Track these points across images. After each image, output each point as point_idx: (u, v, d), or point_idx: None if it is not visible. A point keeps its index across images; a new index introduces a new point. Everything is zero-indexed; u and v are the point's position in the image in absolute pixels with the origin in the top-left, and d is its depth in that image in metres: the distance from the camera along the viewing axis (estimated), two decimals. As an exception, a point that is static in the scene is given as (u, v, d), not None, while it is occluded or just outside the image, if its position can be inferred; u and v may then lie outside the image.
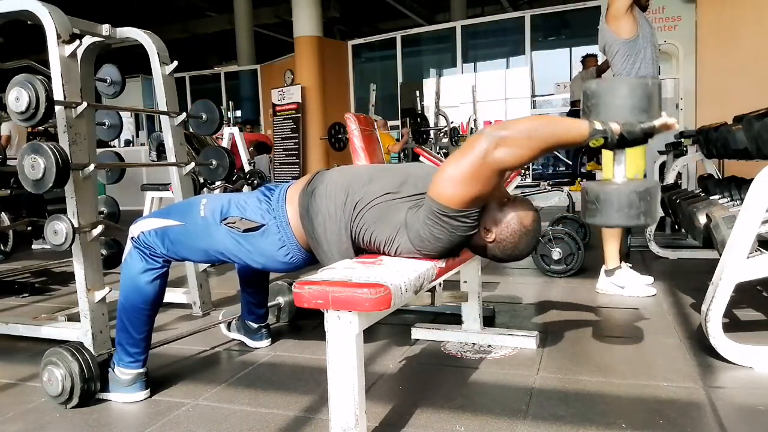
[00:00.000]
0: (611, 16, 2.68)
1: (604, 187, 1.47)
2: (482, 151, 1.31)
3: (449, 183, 1.37)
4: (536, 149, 1.34)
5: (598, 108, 1.45)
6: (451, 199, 1.37)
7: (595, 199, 1.47)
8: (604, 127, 1.37)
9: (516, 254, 1.53)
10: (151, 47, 2.49)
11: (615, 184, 1.48)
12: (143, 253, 1.69)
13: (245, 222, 1.61)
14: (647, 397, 1.62)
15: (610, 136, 1.37)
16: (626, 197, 1.44)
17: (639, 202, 1.44)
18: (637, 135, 1.39)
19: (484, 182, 1.35)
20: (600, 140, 1.38)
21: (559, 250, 3.18)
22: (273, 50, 12.13)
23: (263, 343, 2.18)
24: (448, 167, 1.39)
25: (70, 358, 1.64)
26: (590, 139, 1.37)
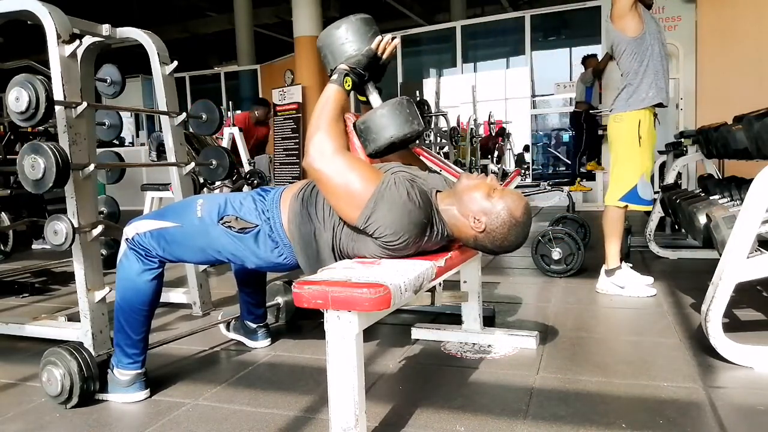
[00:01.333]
0: (616, 16, 2.68)
1: (366, 117, 1.62)
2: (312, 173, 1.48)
3: (340, 209, 1.48)
4: (322, 132, 1.49)
5: (327, 60, 1.65)
6: (348, 218, 1.47)
7: (365, 130, 1.61)
8: (336, 73, 1.57)
9: (506, 245, 1.54)
10: (151, 47, 2.49)
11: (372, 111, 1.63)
12: (139, 254, 1.69)
13: (240, 222, 1.62)
14: (647, 397, 1.62)
15: (350, 74, 1.56)
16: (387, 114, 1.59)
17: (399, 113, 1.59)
18: (364, 63, 1.58)
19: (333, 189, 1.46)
20: (348, 80, 1.56)
21: (559, 250, 3.18)
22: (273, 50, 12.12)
23: (263, 343, 2.18)
24: (342, 203, 1.47)
25: (70, 357, 1.64)
26: (342, 87, 1.55)
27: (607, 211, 2.83)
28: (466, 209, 1.51)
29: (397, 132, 1.59)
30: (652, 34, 2.67)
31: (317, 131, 1.49)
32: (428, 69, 10.86)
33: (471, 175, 1.58)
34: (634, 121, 2.69)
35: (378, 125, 1.59)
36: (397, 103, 1.60)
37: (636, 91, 2.69)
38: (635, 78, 2.68)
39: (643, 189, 2.72)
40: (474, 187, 1.52)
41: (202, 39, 14.67)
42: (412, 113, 1.61)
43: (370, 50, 1.58)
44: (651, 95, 2.68)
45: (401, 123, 1.59)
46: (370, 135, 1.61)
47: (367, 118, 1.61)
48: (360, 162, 1.51)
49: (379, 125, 1.59)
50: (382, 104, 1.62)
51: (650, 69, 2.67)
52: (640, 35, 2.65)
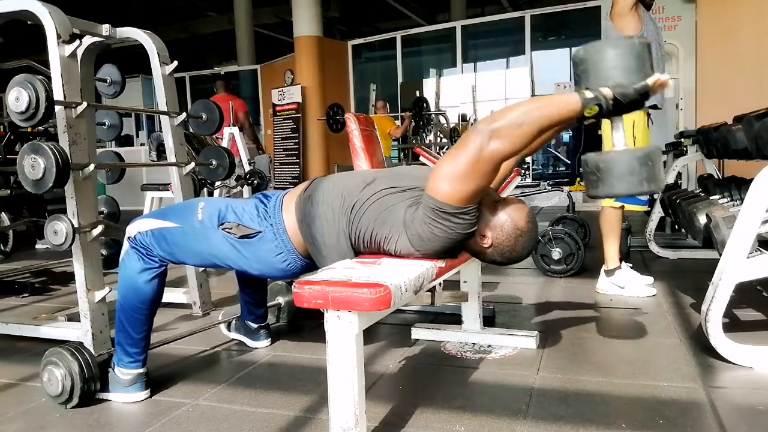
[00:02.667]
0: (616, 14, 2.68)
1: (603, 156, 1.43)
2: (477, 146, 1.31)
3: (447, 180, 1.36)
4: (530, 134, 1.32)
5: (587, 74, 1.40)
6: (450, 197, 1.36)
7: (595, 170, 1.42)
8: (595, 94, 1.32)
9: (515, 256, 1.52)
10: (151, 47, 2.49)
11: (614, 151, 1.43)
12: (140, 253, 1.69)
13: (242, 228, 1.60)
14: (647, 397, 1.62)
15: (604, 102, 1.31)
16: (626, 164, 1.39)
17: (640, 168, 1.38)
18: (631, 97, 1.33)
19: (482, 176, 1.35)
20: (594, 108, 1.32)
21: (559, 250, 3.18)
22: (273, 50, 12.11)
23: (263, 343, 2.18)
24: (444, 165, 1.38)
25: (70, 358, 1.64)
26: (584, 110, 1.32)
27: (604, 211, 2.83)
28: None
29: (635, 188, 1.40)
30: (650, 35, 2.67)
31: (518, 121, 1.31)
32: (428, 69, 10.86)
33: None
34: (629, 122, 2.68)
35: (620, 172, 1.39)
36: (649, 155, 1.39)
37: None
38: None
39: None
40: None
41: (202, 39, 14.66)
42: (659, 169, 1.41)
43: (645, 86, 1.33)
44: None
45: (644, 179, 1.38)
46: (606, 178, 1.41)
47: (609, 159, 1.41)
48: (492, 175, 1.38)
49: (617, 173, 1.39)
50: (633, 151, 1.41)
51: None
52: (638, 36, 2.64)
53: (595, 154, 1.45)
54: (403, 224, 1.46)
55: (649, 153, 1.39)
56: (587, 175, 1.46)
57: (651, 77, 1.34)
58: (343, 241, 1.54)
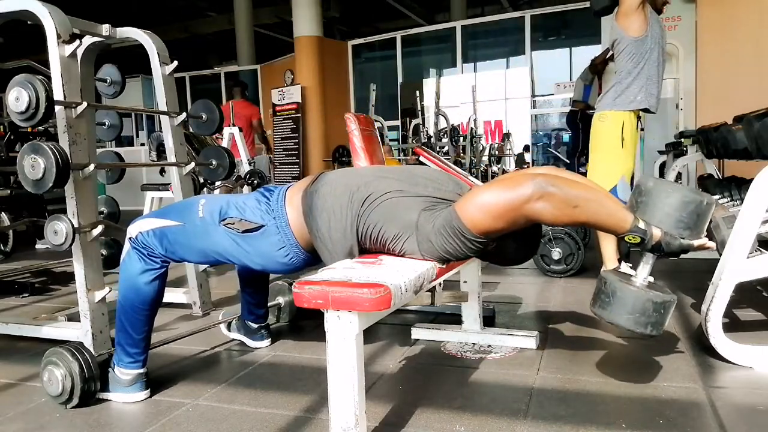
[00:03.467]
0: (621, 13, 2.66)
1: (624, 286, 1.46)
2: (525, 196, 1.32)
3: (480, 209, 1.38)
4: (575, 219, 1.35)
5: (646, 207, 1.42)
6: (475, 225, 1.39)
7: (611, 293, 1.47)
8: (647, 229, 1.38)
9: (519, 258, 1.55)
10: (151, 47, 2.49)
11: (635, 286, 1.47)
12: (141, 254, 1.69)
13: (244, 223, 1.60)
14: (647, 397, 1.62)
15: (648, 240, 1.38)
16: (641, 304, 1.44)
17: (652, 312, 1.43)
18: (673, 249, 1.39)
19: (512, 223, 1.37)
20: (636, 239, 1.38)
21: (559, 250, 3.18)
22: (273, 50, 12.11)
23: (263, 343, 2.18)
24: (485, 193, 1.40)
25: (70, 358, 1.64)
26: (628, 233, 1.38)
27: None
28: None
29: (633, 327, 1.46)
30: (654, 38, 2.66)
31: (573, 201, 1.32)
32: (428, 69, 10.86)
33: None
34: (618, 121, 2.68)
35: (628, 307, 1.45)
36: (663, 304, 1.45)
37: (625, 92, 2.68)
38: (627, 78, 2.67)
39: (622, 190, 2.72)
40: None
41: (202, 39, 14.66)
42: (665, 319, 1.46)
43: (690, 246, 1.39)
44: (639, 99, 2.67)
45: (645, 324, 1.44)
46: (615, 303, 1.47)
47: (626, 289, 1.47)
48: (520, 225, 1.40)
49: (629, 308, 1.45)
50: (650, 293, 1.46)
51: (644, 73, 2.66)
52: (642, 37, 2.63)
53: (617, 277, 1.48)
54: (416, 227, 1.46)
55: (666, 301, 1.45)
56: (600, 293, 1.49)
57: (699, 240, 1.40)
58: (350, 235, 1.53)
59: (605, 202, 1.40)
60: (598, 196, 1.39)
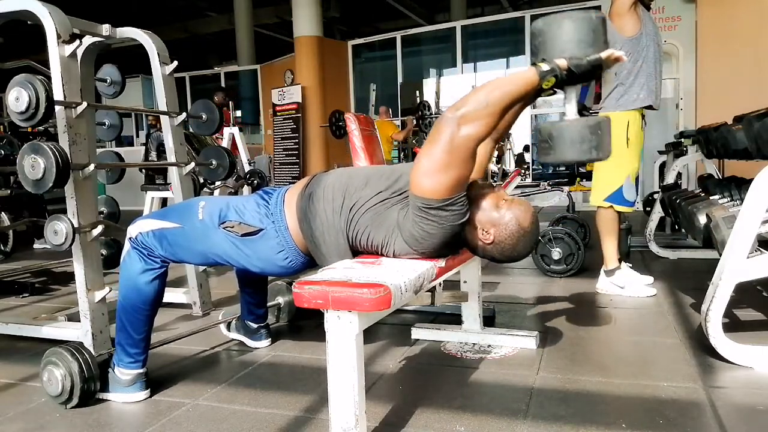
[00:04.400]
0: (614, 13, 2.67)
1: (556, 124, 1.48)
2: (448, 135, 1.34)
3: (427, 175, 1.38)
4: (496, 113, 1.36)
5: (544, 46, 1.45)
6: (434, 191, 1.38)
7: (548, 137, 1.48)
8: (551, 66, 1.38)
9: (514, 255, 1.54)
10: (151, 47, 2.49)
11: (567, 120, 1.48)
12: (141, 254, 1.69)
13: (243, 226, 1.61)
14: (647, 397, 1.62)
15: (559, 73, 1.38)
16: (578, 132, 1.45)
17: (591, 136, 1.44)
18: (585, 68, 1.39)
19: (460, 164, 1.37)
20: (551, 80, 1.38)
21: (559, 250, 3.18)
22: (273, 50, 12.11)
23: (263, 343, 2.18)
24: (421, 160, 1.40)
25: (70, 358, 1.64)
26: (542, 81, 1.38)
27: (599, 212, 2.84)
28: (475, 220, 1.50)
29: (584, 155, 1.45)
30: (648, 36, 2.67)
31: (482, 103, 1.35)
32: (428, 69, 10.85)
33: (478, 183, 1.58)
34: (623, 121, 2.68)
35: (570, 140, 1.45)
36: (599, 124, 1.45)
37: (627, 92, 2.68)
38: (628, 78, 2.68)
39: (627, 190, 2.72)
40: (482, 197, 1.52)
41: (202, 39, 14.66)
42: (608, 140, 1.46)
43: (599, 59, 1.39)
44: (642, 97, 2.67)
45: (592, 147, 1.44)
46: (557, 145, 1.46)
47: (561, 128, 1.46)
48: (470, 161, 1.40)
49: (572, 140, 1.45)
50: (583, 120, 1.46)
51: (643, 70, 2.66)
52: (637, 35, 2.64)
53: (548, 122, 1.49)
54: (398, 226, 1.47)
55: (600, 122, 1.45)
56: (540, 143, 1.52)
57: (605, 52, 1.39)
58: (342, 240, 1.55)
59: (505, 81, 1.40)
60: (495, 83, 1.40)
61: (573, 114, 1.48)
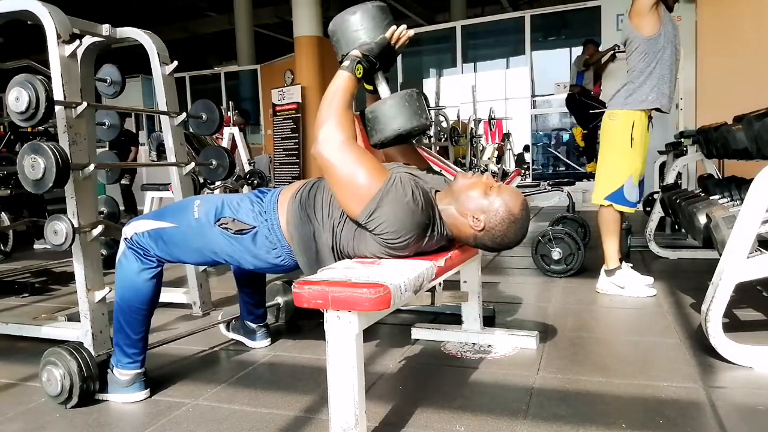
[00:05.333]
0: (635, 12, 2.65)
1: (372, 107, 1.60)
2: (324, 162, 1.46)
3: (348, 200, 1.46)
4: (332, 120, 1.46)
5: (340, 44, 1.61)
6: (356, 208, 1.45)
7: (369, 121, 1.61)
8: (349, 60, 1.53)
9: (506, 242, 1.55)
10: (151, 47, 2.49)
11: (381, 101, 1.60)
12: (137, 254, 1.69)
13: (237, 223, 1.62)
14: (647, 397, 1.62)
15: (361, 61, 1.52)
16: (391, 107, 1.57)
17: (403, 106, 1.57)
18: (376, 50, 1.55)
19: (356, 168, 1.43)
20: (359, 68, 1.53)
21: (559, 250, 3.18)
22: (273, 50, 12.11)
23: (263, 343, 2.18)
24: (336, 195, 1.50)
25: (69, 358, 1.64)
26: (354, 75, 1.51)
27: (601, 211, 2.83)
28: (464, 208, 1.51)
29: (404, 124, 1.57)
30: (667, 38, 2.64)
31: (327, 119, 1.47)
32: (428, 69, 10.87)
33: (467, 174, 1.58)
34: (629, 121, 2.68)
35: (386, 116, 1.57)
36: (406, 95, 1.58)
37: (636, 91, 2.67)
38: (638, 77, 2.66)
39: (629, 190, 2.71)
40: (471, 186, 1.52)
41: (202, 39, 14.66)
42: (421, 107, 1.59)
43: (384, 38, 1.56)
44: (651, 98, 2.66)
45: (409, 115, 1.57)
46: (377, 125, 1.59)
47: (376, 108, 1.59)
48: (368, 156, 1.48)
49: (388, 116, 1.57)
50: (392, 95, 1.60)
51: (656, 72, 2.64)
52: (655, 36, 2.62)
53: (366, 108, 1.62)
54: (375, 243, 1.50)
55: (406, 93, 1.59)
56: (368, 130, 1.62)
57: (388, 32, 1.57)
58: (327, 250, 1.57)
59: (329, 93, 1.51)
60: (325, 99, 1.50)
61: (386, 92, 1.63)
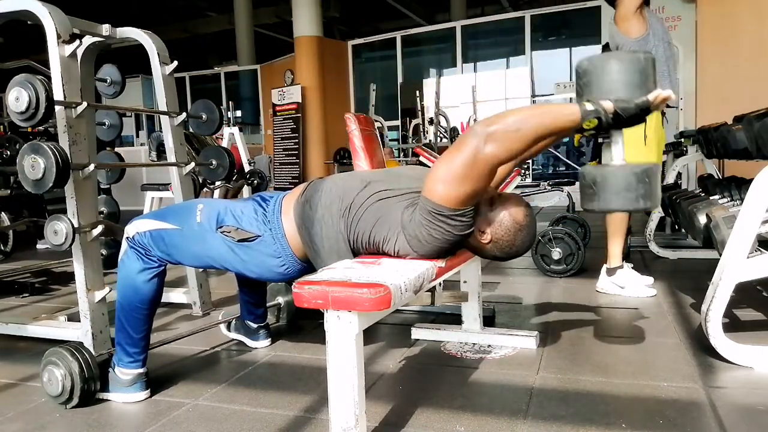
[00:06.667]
0: (620, 18, 2.67)
1: (601, 170, 1.42)
2: (473, 148, 1.30)
3: (442, 183, 1.36)
4: (526, 141, 1.31)
5: (590, 86, 1.39)
6: (446, 199, 1.36)
7: (592, 183, 1.42)
8: (596, 107, 1.30)
9: (515, 251, 1.53)
10: (151, 47, 2.49)
11: (612, 166, 1.42)
12: (139, 253, 1.69)
13: (240, 232, 1.60)
14: (647, 397, 1.62)
15: (604, 116, 1.30)
16: (624, 180, 1.38)
17: (637, 184, 1.37)
18: (632, 112, 1.31)
19: (477, 179, 1.34)
20: (593, 121, 1.31)
21: (559, 250, 3.18)
22: (273, 50, 12.12)
23: (263, 343, 2.18)
24: (440, 166, 1.38)
25: (70, 358, 1.64)
26: (583, 122, 1.31)
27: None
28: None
29: (629, 204, 1.39)
30: (656, 35, 2.66)
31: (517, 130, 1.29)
32: (428, 69, 10.86)
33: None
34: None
35: (616, 186, 1.38)
36: (646, 172, 1.38)
37: None
38: None
39: None
40: None
41: (202, 39, 14.66)
42: (654, 188, 1.39)
43: (646, 102, 1.32)
44: None
45: (640, 197, 1.37)
46: (600, 191, 1.40)
47: (607, 173, 1.40)
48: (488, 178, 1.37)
49: (617, 187, 1.38)
50: (631, 166, 1.40)
51: None
52: (644, 36, 2.64)
53: (593, 167, 1.44)
54: (401, 226, 1.46)
55: (647, 170, 1.39)
56: (584, 188, 1.45)
57: (653, 93, 1.33)
58: (342, 243, 1.54)
59: (544, 110, 1.36)
60: (534, 110, 1.35)
61: (619, 159, 1.42)
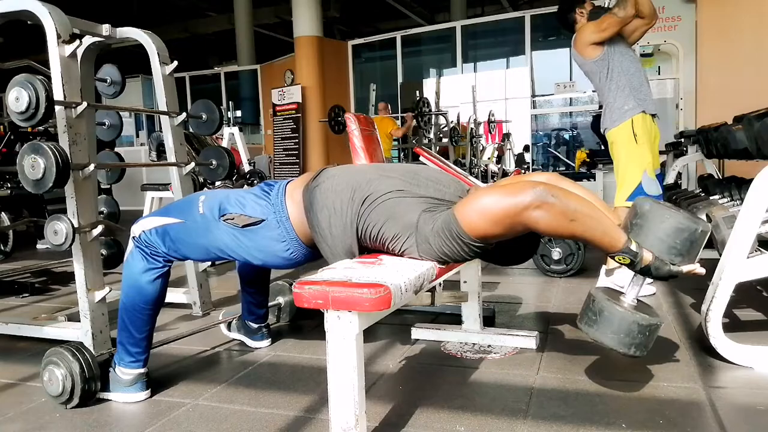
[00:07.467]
0: (579, 43, 2.75)
1: (610, 305, 1.46)
2: (524, 204, 1.31)
3: (478, 214, 1.39)
4: (570, 231, 1.35)
5: (640, 229, 1.43)
6: (473, 229, 1.40)
7: (598, 312, 1.48)
8: (638, 251, 1.39)
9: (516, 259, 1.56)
10: (151, 47, 2.49)
11: (622, 306, 1.47)
12: (144, 253, 1.69)
13: (244, 218, 1.60)
14: (647, 397, 1.62)
15: (638, 263, 1.39)
16: (627, 325, 1.45)
17: (637, 334, 1.44)
18: (662, 274, 1.40)
19: (509, 229, 1.37)
20: (626, 260, 1.39)
21: (559, 250, 3.18)
22: (273, 50, 12.12)
23: (263, 343, 2.18)
24: (484, 197, 1.40)
25: (71, 358, 1.64)
26: (619, 253, 1.38)
27: (617, 211, 2.82)
28: None
29: (616, 347, 1.46)
30: (616, 47, 2.69)
31: (570, 214, 1.32)
32: (428, 69, 10.87)
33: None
34: (627, 127, 2.70)
35: (614, 328, 1.45)
36: (649, 327, 1.44)
37: (615, 109, 2.72)
38: (609, 95, 2.73)
39: (647, 185, 2.71)
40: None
41: (202, 39, 14.67)
42: (647, 342, 1.46)
43: (679, 273, 1.41)
44: (630, 107, 2.69)
45: (629, 345, 1.45)
46: (601, 321, 1.48)
47: (613, 309, 1.46)
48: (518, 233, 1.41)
49: (615, 329, 1.45)
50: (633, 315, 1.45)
51: (623, 83, 2.69)
52: (603, 52, 2.69)
53: (606, 296, 1.49)
54: (416, 228, 1.47)
55: (652, 324, 1.44)
56: (587, 310, 1.51)
57: (688, 267, 1.41)
58: (350, 232, 1.53)
59: (602, 220, 1.40)
60: (596, 213, 1.38)
61: (630, 301, 1.49)
